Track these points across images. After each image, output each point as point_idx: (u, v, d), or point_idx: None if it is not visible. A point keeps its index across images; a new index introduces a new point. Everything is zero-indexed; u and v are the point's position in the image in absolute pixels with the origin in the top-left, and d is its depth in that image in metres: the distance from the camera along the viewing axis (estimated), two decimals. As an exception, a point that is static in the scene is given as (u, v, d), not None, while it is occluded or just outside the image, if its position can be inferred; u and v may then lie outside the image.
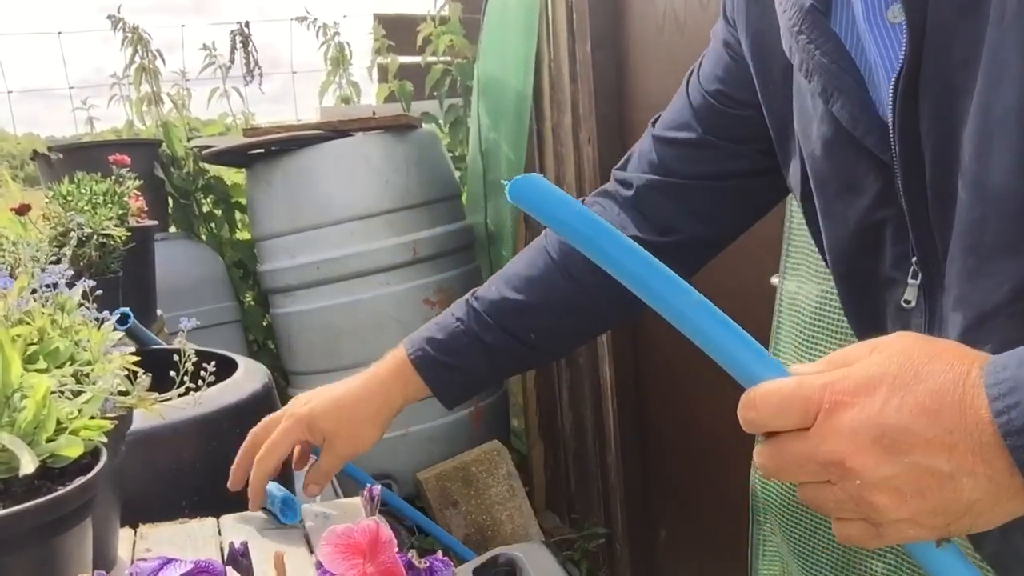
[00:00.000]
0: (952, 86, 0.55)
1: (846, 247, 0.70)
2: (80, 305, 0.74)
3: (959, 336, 0.58)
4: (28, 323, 0.69)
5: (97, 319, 0.75)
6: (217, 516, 1.06)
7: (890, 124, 0.60)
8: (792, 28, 0.65)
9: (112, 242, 1.59)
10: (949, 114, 0.56)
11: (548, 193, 0.51)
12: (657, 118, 0.97)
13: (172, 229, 2.99)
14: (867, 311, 0.70)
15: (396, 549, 0.51)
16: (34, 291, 0.73)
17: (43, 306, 0.72)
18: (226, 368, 1.38)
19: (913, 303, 0.64)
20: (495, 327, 0.97)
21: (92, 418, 0.69)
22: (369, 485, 0.58)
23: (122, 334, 0.77)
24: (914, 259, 0.63)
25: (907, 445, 0.45)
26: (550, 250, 0.97)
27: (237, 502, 1.06)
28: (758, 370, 0.49)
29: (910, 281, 0.64)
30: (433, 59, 2.99)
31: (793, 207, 1.27)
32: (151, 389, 0.78)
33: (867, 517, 0.48)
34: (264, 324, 2.97)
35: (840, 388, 0.47)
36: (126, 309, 1.47)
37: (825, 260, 0.74)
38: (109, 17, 2.92)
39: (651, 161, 0.95)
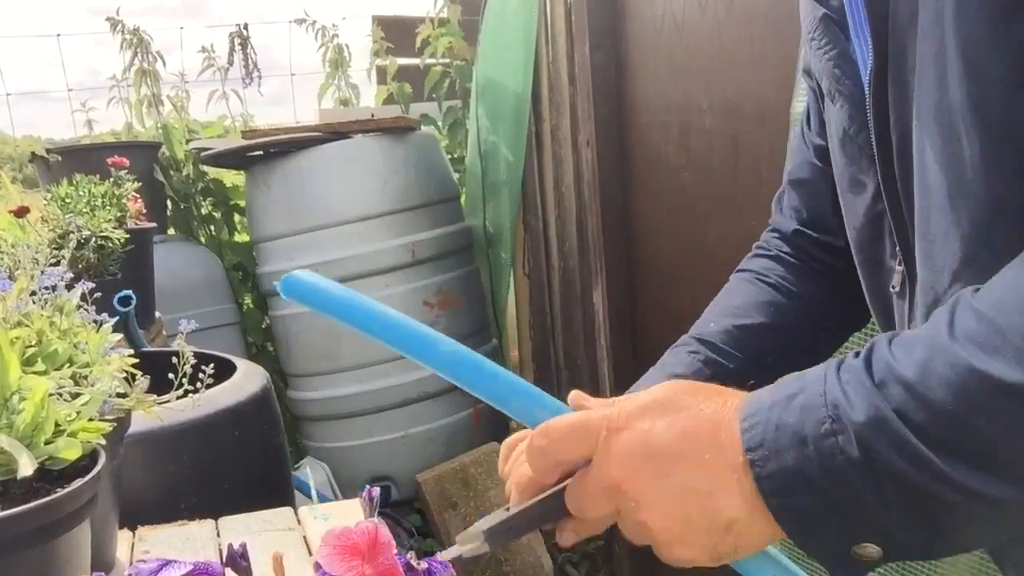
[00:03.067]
0: (907, 88, 0.59)
1: (859, 237, 0.74)
2: (79, 307, 0.74)
3: (923, 319, 0.60)
4: (27, 325, 0.69)
5: (96, 321, 0.75)
6: (216, 518, 1.06)
7: (870, 125, 0.63)
8: (808, 36, 0.70)
9: (111, 244, 1.59)
10: (905, 115, 0.59)
11: (314, 284, 0.62)
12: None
13: (171, 231, 2.99)
14: (878, 297, 0.74)
15: (395, 551, 0.51)
16: (33, 293, 0.73)
17: (42, 308, 0.72)
18: (225, 370, 1.38)
19: (898, 288, 0.68)
20: (734, 353, 0.86)
21: (90, 420, 0.69)
22: (368, 487, 0.58)
23: (120, 336, 0.77)
24: (897, 248, 0.67)
25: (670, 466, 0.50)
26: (761, 275, 0.92)
27: (236, 504, 1.05)
28: (549, 406, 0.57)
29: (897, 268, 0.68)
30: (432, 61, 2.99)
31: None
32: (150, 391, 0.78)
33: (650, 540, 0.52)
34: (263, 326, 2.97)
35: (616, 416, 0.53)
36: (128, 292, 1.47)
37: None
38: (108, 19, 2.92)
39: (795, 207, 0.91)
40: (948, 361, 0.46)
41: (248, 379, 1.37)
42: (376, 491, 0.59)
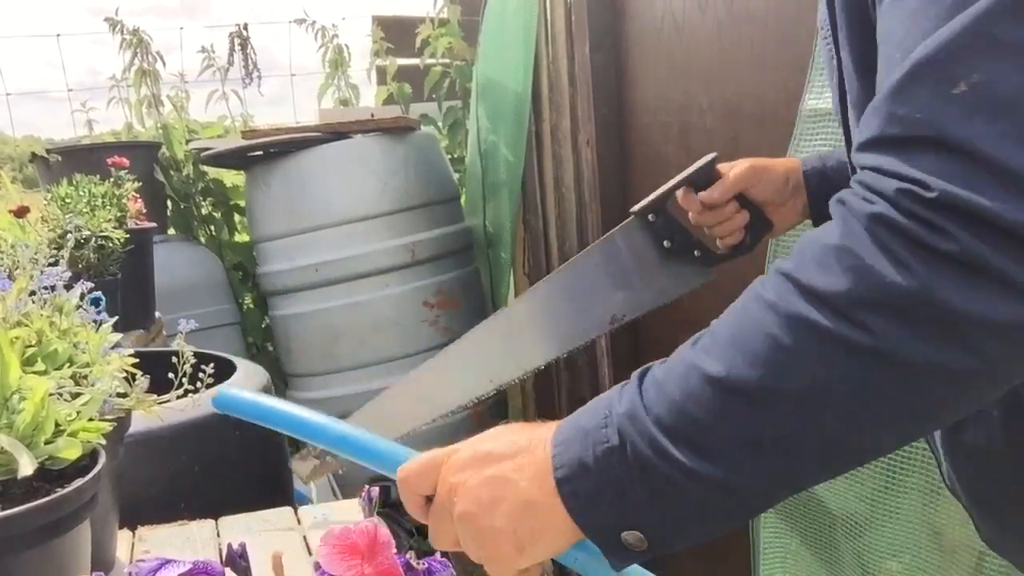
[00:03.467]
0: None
1: None
2: (78, 307, 0.74)
3: None
4: (27, 325, 0.69)
5: (95, 321, 0.75)
6: (216, 518, 1.06)
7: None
8: (819, 27, 0.77)
9: (111, 244, 1.59)
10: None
11: (241, 398, 0.76)
12: None
13: (171, 231, 2.99)
14: None
15: (394, 550, 0.52)
16: (32, 293, 0.73)
17: (41, 308, 0.72)
18: (225, 370, 1.38)
19: None
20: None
21: (91, 420, 0.69)
22: (367, 487, 0.58)
23: (121, 336, 0.77)
24: None
25: (489, 462, 0.60)
26: None
27: (236, 504, 1.06)
28: (402, 456, 0.66)
29: None
30: (432, 61, 2.99)
31: None
32: (150, 391, 0.78)
33: (467, 533, 0.59)
34: (263, 326, 2.97)
35: (456, 447, 0.63)
36: (98, 293, 1.46)
37: None
38: (107, 20, 2.92)
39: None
40: (683, 361, 0.55)
41: (248, 379, 1.37)
42: (375, 491, 0.59)
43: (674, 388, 0.55)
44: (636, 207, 1.14)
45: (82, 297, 0.76)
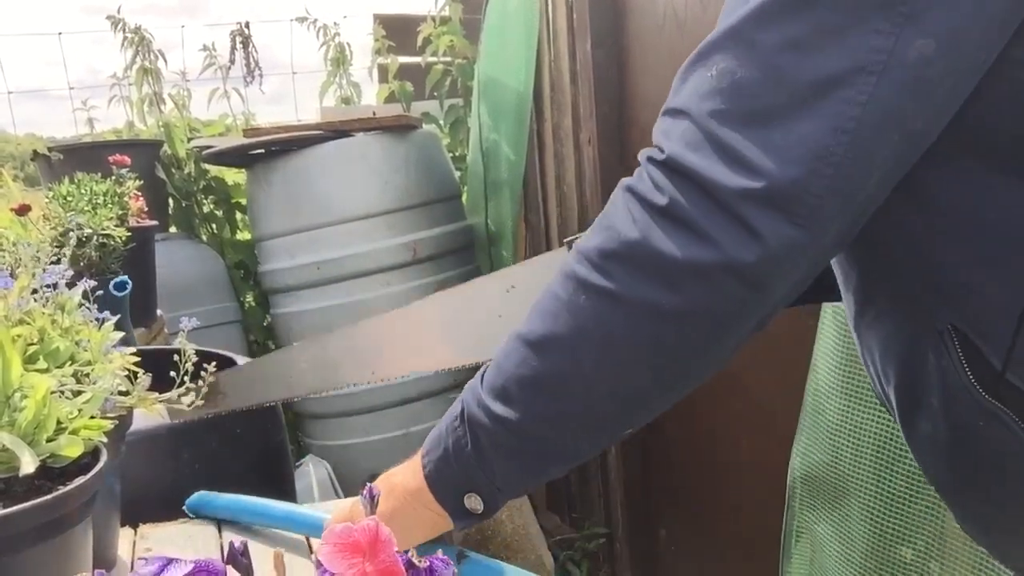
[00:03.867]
0: None
1: None
2: (80, 305, 0.74)
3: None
4: (28, 323, 0.69)
5: (97, 319, 0.75)
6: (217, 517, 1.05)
7: None
8: None
9: (112, 242, 1.59)
10: None
11: (210, 498, 1.03)
12: None
13: (172, 229, 2.99)
14: None
15: (395, 548, 0.52)
16: (34, 291, 0.73)
17: (43, 306, 0.72)
18: (227, 368, 1.38)
19: None
20: None
21: (92, 418, 0.69)
22: (369, 485, 0.58)
23: (123, 334, 0.77)
24: None
25: (385, 482, 0.72)
26: None
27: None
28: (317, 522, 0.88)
29: None
30: (433, 59, 2.99)
31: None
32: (151, 389, 0.78)
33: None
34: (264, 324, 2.97)
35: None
36: (124, 277, 1.46)
37: None
38: (109, 18, 2.92)
39: None
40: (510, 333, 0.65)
41: (249, 377, 1.37)
42: (377, 489, 0.59)
43: (499, 353, 0.65)
44: (569, 238, 1.09)
45: (86, 296, 0.76)
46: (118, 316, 0.79)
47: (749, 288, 0.56)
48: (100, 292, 0.79)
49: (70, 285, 0.77)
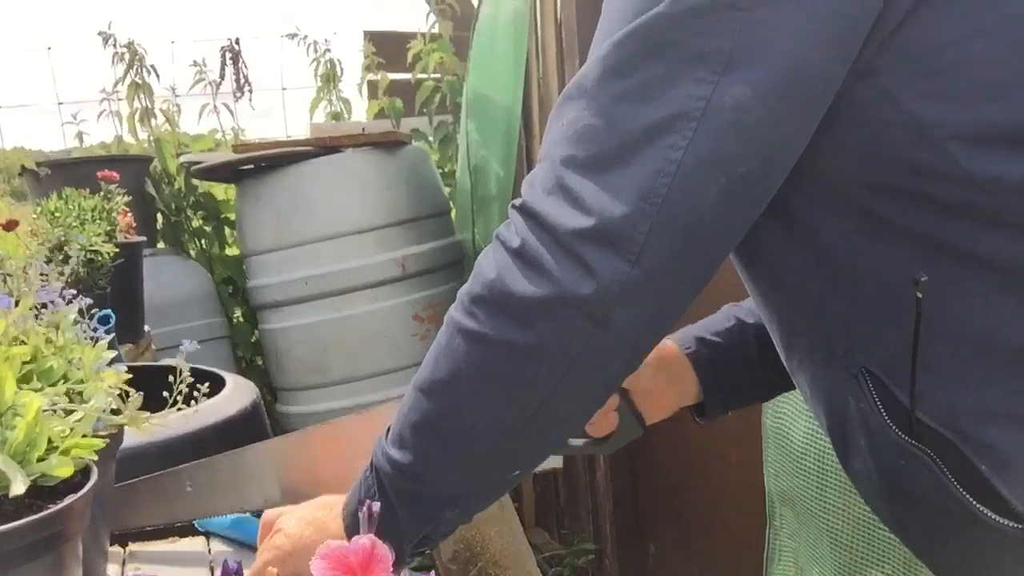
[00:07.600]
0: None
1: None
2: (75, 323, 0.74)
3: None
4: (24, 342, 0.69)
5: (91, 337, 0.75)
6: (207, 534, 1.05)
7: None
8: None
9: (100, 258, 1.59)
10: None
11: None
12: None
13: (161, 245, 2.99)
14: None
15: (390, 567, 0.52)
16: (32, 308, 0.73)
17: (38, 325, 0.72)
18: (214, 385, 1.38)
19: None
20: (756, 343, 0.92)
21: (84, 437, 0.69)
22: (369, 502, 0.59)
23: (116, 353, 0.77)
24: None
25: (305, 508, 0.75)
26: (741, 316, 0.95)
27: (227, 520, 1.05)
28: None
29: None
30: (423, 76, 3.00)
31: None
32: (141, 408, 0.78)
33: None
34: (253, 340, 2.96)
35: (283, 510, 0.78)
36: (108, 311, 1.45)
37: None
38: (100, 33, 2.93)
39: None
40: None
41: (238, 394, 1.37)
42: (376, 506, 0.59)
43: (402, 403, 0.68)
44: None
45: (81, 314, 0.76)
46: (110, 336, 0.79)
47: (591, 323, 0.58)
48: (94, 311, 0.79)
49: (69, 302, 0.76)
